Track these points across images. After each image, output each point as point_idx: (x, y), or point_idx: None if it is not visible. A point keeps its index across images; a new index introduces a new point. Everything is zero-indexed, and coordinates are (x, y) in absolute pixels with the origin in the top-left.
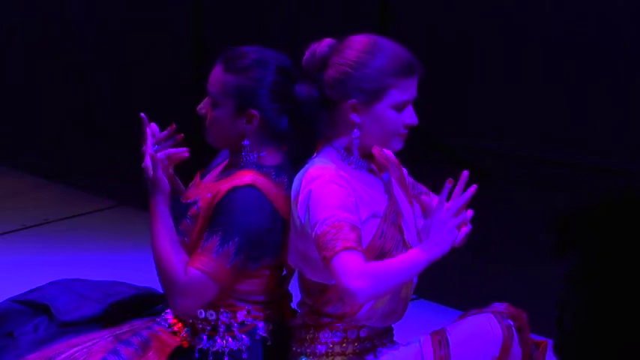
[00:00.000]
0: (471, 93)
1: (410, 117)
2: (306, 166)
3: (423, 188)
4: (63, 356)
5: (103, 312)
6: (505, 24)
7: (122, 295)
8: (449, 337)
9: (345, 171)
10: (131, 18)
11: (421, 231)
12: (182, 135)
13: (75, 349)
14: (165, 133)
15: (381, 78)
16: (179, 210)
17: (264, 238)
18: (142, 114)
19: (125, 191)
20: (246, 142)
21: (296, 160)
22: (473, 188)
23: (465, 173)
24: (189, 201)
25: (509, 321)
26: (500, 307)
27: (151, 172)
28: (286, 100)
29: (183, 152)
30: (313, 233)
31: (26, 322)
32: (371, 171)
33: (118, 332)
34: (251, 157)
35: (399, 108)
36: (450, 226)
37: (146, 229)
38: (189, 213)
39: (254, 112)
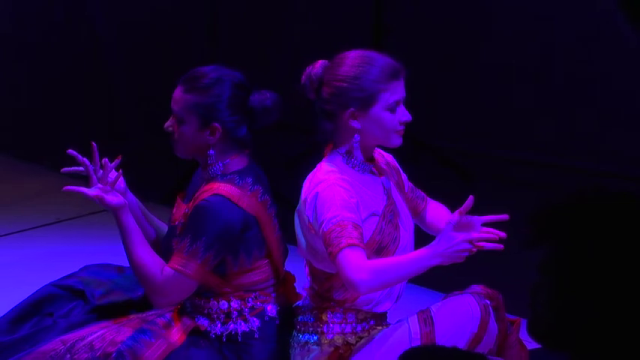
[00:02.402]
0: (457, 101)
1: (403, 114)
2: (314, 170)
3: (421, 193)
4: (95, 335)
5: (132, 299)
6: (487, 39)
7: None
8: (433, 316)
9: (348, 174)
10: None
11: (438, 235)
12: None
13: (106, 329)
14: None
15: (373, 85)
16: (169, 231)
17: (240, 235)
18: (93, 142)
19: (145, 188)
20: (211, 151)
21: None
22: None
23: (471, 198)
24: (176, 223)
25: (487, 301)
26: (478, 288)
27: (104, 204)
28: (244, 111)
29: (116, 165)
30: (320, 230)
31: (64, 305)
32: (372, 173)
33: (145, 315)
34: (217, 168)
35: (393, 108)
36: (455, 243)
37: (164, 221)
38: (177, 232)
39: (216, 125)
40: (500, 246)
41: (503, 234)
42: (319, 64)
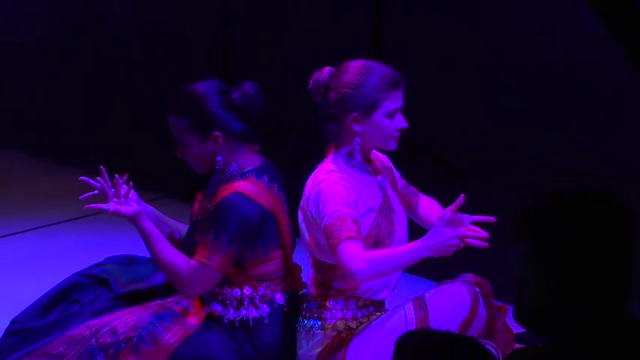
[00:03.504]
0: (451, 104)
1: (401, 122)
2: (317, 169)
3: (414, 189)
4: (118, 321)
5: (152, 287)
6: (482, 43)
7: None
8: (427, 302)
9: (348, 173)
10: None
11: (430, 230)
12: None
13: (128, 316)
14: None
15: (375, 94)
16: (191, 226)
17: (259, 229)
18: (102, 167)
19: (166, 186)
20: (219, 158)
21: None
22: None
23: (462, 196)
24: (198, 217)
25: (476, 288)
26: (469, 277)
27: (121, 215)
28: (233, 109)
29: (126, 182)
30: (322, 224)
31: (89, 293)
32: (369, 173)
33: (163, 302)
34: (232, 168)
35: (391, 115)
36: (445, 239)
37: (184, 216)
38: (199, 226)
39: (216, 132)
40: (486, 244)
41: (486, 234)
42: (326, 71)
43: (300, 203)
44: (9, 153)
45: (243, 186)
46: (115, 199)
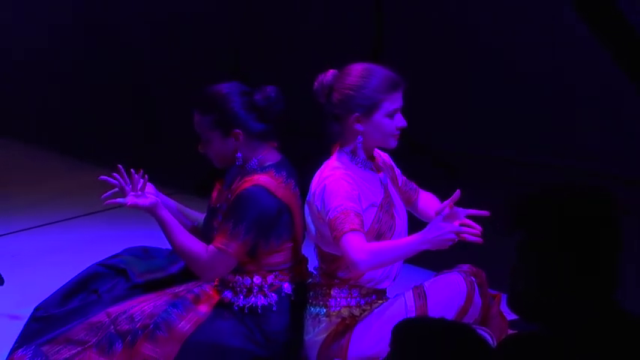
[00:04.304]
0: (451, 104)
1: (400, 121)
2: (322, 166)
3: (414, 185)
4: (135, 309)
5: (166, 277)
6: (479, 48)
7: (181, 263)
8: (426, 291)
9: (351, 170)
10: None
11: (428, 224)
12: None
13: (144, 303)
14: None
15: (375, 95)
16: (209, 212)
17: (274, 221)
18: (119, 165)
19: (180, 182)
20: (238, 154)
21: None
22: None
23: (458, 191)
24: (217, 205)
25: (472, 278)
26: (465, 267)
27: (139, 208)
28: (254, 110)
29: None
30: (327, 218)
31: (108, 282)
32: (372, 170)
33: (176, 290)
34: (253, 163)
35: (391, 115)
36: (442, 233)
37: (198, 210)
38: (219, 214)
39: (237, 130)
40: (480, 239)
41: (480, 228)
42: (330, 73)
43: (307, 198)
44: (35, 152)
45: (263, 179)
46: (132, 193)
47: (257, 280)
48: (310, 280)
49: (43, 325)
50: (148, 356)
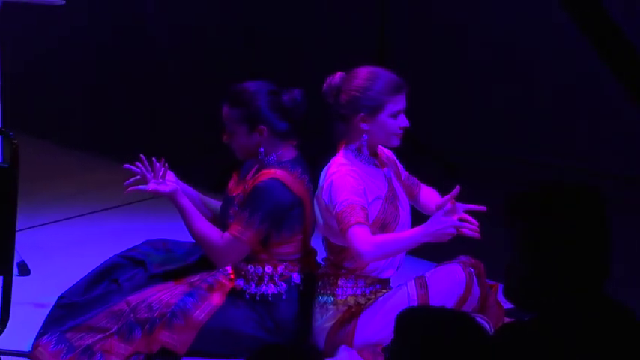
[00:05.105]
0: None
1: (403, 121)
2: (330, 163)
3: (416, 180)
4: (153, 297)
5: (183, 267)
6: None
7: (197, 254)
8: (427, 281)
9: (357, 166)
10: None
11: (430, 218)
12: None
13: (162, 292)
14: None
15: (380, 96)
16: (225, 201)
17: (287, 213)
18: (142, 155)
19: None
20: (261, 149)
21: (318, 156)
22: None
23: (457, 187)
24: (234, 195)
25: (471, 269)
26: (464, 258)
27: (160, 194)
28: (280, 110)
29: (163, 165)
30: (334, 211)
31: (127, 272)
32: (376, 165)
33: (192, 280)
34: (272, 158)
35: (395, 116)
36: (443, 227)
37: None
38: (235, 203)
39: (262, 127)
40: (478, 235)
41: (477, 223)
42: (338, 75)
43: (316, 193)
44: (58, 150)
45: (280, 174)
46: (153, 181)
47: (268, 269)
48: (319, 270)
49: (66, 311)
50: (165, 343)
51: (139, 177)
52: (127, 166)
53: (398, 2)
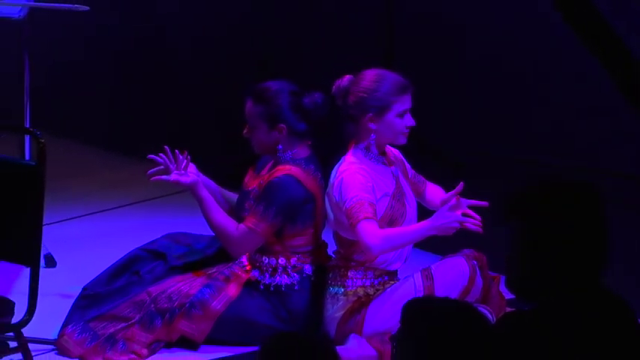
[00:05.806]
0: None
1: (409, 120)
2: (340, 161)
3: (422, 178)
4: (173, 288)
5: (201, 259)
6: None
7: (215, 247)
8: (433, 273)
9: (366, 164)
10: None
11: (435, 213)
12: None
13: (181, 284)
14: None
15: (387, 97)
16: (242, 195)
17: (301, 208)
18: (166, 146)
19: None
20: (279, 147)
21: (329, 155)
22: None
23: (461, 184)
24: (249, 189)
25: (474, 261)
26: (468, 251)
27: (181, 185)
28: (301, 111)
29: (185, 157)
30: (344, 207)
31: (148, 264)
32: (384, 164)
33: (209, 272)
34: (287, 155)
35: (401, 115)
36: (448, 221)
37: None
38: (251, 196)
39: (282, 125)
40: (480, 229)
41: (480, 218)
42: (346, 78)
43: (327, 190)
44: (84, 148)
45: (294, 170)
46: (176, 171)
47: (282, 261)
48: (330, 263)
49: (89, 302)
50: (184, 332)
51: (162, 167)
52: (151, 156)
53: (404, 5)
